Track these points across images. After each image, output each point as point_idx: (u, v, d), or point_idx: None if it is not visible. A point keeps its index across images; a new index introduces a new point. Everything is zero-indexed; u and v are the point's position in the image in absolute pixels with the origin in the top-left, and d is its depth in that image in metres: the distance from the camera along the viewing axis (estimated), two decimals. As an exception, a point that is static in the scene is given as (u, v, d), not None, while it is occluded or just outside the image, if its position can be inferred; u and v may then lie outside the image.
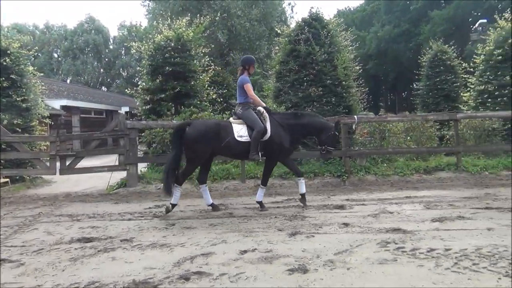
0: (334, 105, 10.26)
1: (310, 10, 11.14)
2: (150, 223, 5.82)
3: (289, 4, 34.95)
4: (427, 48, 18.08)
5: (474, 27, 23.26)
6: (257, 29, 24.46)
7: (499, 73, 11.03)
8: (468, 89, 12.50)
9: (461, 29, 38.80)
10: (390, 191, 8.02)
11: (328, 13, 45.86)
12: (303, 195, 6.61)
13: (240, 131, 6.28)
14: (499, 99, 10.91)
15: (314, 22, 10.87)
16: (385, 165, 9.67)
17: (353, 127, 9.53)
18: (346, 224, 5.29)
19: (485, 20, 18.45)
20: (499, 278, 3.30)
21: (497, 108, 10.80)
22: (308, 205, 6.57)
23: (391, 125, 10.15)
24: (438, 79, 17.20)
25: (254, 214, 6.27)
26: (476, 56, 12.07)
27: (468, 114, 10.47)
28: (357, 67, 11.32)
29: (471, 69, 12.80)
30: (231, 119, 6.76)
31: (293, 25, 11.30)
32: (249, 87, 6.55)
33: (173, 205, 6.29)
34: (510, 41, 10.90)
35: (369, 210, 6.22)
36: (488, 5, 39.69)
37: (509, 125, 10.57)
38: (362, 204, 6.75)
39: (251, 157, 6.25)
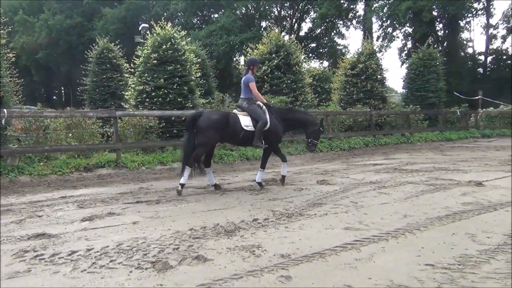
0: (-22, 96, 8.79)
1: None
2: None
3: None
4: (94, 45, 18.12)
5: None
6: None
7: (155, 75, 12.02)
8: (130, 88, 13.15)
9: (131, 31, 40.78)
10: (45, 192, 7.50)
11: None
12: (283, 177, 7.67)
13: (246, 122, 7.14)
14: (155, 99, 11.90)
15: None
16: (42, 164, 9.00)
17: (2, 122, 8.43)
18: (-26, 238, 4.54)
19: (146, 25, 19.95)
20: (130, 272, 3.46)
21: (153, 108, 11.77)
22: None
23: (49, 121, 9.50)
24: (104, 76, 17.49)
25: None
26: (136, 58, 12.80)
27: (127, 112, 11.01)
28: (10, 55, 10.03)
29: (132, 70, 13.53)
30: (235, 111, 7.55)
31: None
32: (253, 85, 7.44)
33: (182, 185, 6.91)
34: (164, 46, 12.05)
35: (15, 216, 5.59)
36: (155, 12, 43.41)
37: (164, 123, 11.72)
38: (7, 210, 6.01)
39: (255, 144, 7.14)
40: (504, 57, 39.31)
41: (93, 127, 10.80)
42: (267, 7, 45.35)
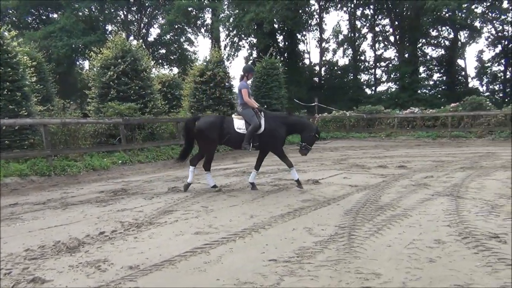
0: None
1: None
2: None
3: None
4: None
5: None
6: None
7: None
8: None
9: None
10: None
11: None
12: (297, 181, 7.51)
13: (239, 125, 7.47)
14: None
15: None
16: None
17: None
18: None
19: (-32, 22, 17.43)
20: None
21: (-21, 116, 10.30)
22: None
23: None
24: None
25: None
26: None
27: None
28: None
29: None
30: (233, 115, 7.88)
31: None
32: (245, 92, 7.66)
33: (189, 184, 7.67)
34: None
35: None
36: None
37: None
38: None
39: (243, 146, 7.38)
40: (335, 68, 44.22)
41: None
42: (112, 10, 43.50)
